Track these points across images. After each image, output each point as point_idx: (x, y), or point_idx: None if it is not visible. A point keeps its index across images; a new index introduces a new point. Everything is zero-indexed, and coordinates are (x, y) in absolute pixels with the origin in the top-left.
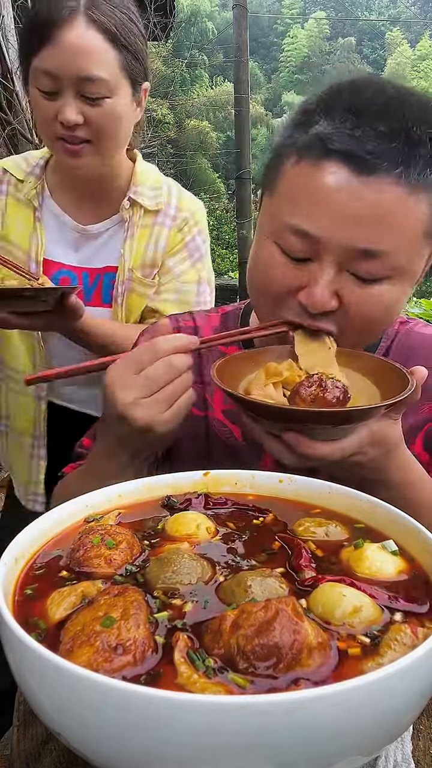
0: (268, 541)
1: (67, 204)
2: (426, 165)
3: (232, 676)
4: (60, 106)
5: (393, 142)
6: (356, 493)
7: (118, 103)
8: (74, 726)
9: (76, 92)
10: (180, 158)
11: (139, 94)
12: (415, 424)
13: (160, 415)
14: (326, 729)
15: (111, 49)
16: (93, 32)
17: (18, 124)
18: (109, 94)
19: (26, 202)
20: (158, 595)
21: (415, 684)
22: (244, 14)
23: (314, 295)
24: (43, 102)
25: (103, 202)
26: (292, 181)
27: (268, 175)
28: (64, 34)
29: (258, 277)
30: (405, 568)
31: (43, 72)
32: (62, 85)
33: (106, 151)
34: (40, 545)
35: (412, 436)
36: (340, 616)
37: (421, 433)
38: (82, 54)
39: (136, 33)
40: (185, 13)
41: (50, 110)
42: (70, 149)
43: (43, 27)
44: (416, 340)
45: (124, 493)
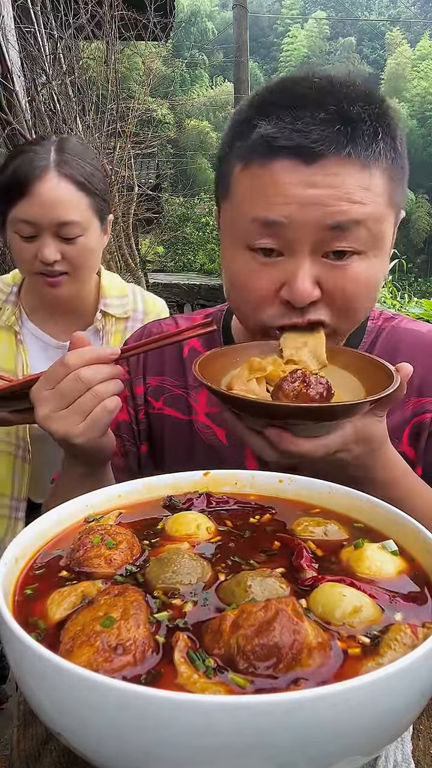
0: (269, 541)
1: (45, 323)
2: (371, 140)
3: (232, 676)
4: (39, 246)
5: (335, 126)
6: (356, 493)
7: (90, 238)
8: (74, 726)
9: (54, 234)
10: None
11: (105, 226)
12: (401, 420)
13: (75, 426)
14: (326, 729)
15: (82, 196)
16: (65, 183)
17: (18, 124)
18: (83, 233)
19: (7, 327)
20: (158, 595)
21: (415, 684)
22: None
23: (296, 288)
24: (23, 245)
25: (77, 317)
26: (245, 185)
27: (219, 188)
28: (39, 188)
29: (236, 288)
30: (405, 568)
31: (23, 221)
32: (41, 230)
33: (82, 278)
34: (40, 545)
35: (398, 432)
36: (340, 616)
37: (407, 428)
38: (57, 203)
39: (100, 178)
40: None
41: (30, 251)
42: (50, 282)
43: (20, 183)
44: (402, 336)
45: (124, 493)
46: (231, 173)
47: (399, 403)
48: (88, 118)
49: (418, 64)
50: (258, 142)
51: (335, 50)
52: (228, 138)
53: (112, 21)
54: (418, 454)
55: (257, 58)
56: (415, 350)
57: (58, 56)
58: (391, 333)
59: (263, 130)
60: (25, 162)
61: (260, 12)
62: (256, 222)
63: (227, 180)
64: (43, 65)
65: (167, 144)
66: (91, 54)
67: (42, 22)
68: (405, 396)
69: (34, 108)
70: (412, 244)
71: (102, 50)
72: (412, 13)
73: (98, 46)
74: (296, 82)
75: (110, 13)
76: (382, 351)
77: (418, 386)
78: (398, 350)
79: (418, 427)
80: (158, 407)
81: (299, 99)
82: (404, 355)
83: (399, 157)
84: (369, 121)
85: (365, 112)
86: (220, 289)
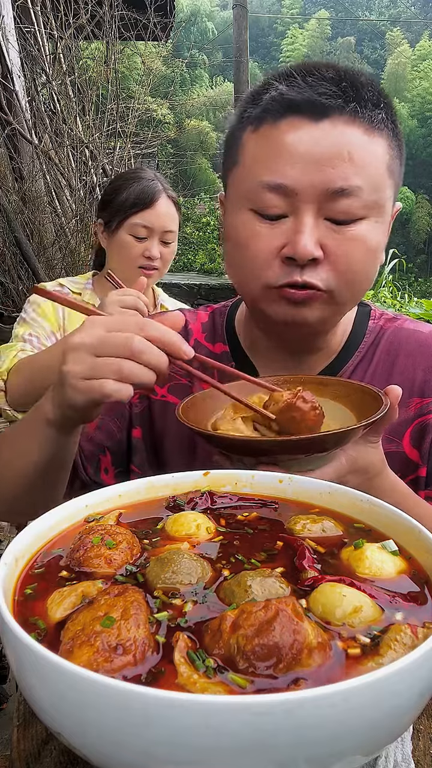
0: (270, 540)
1: None
2: (374, 105)
3: (232, 676)
4: (146, 246)
5: (342, 83)
6: (356, 493)
7: (176, 245)
8: (74, 726)
9: (159, 238)
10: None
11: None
12: (404, 421)
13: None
14: (326, 729)
15: (177, 213)
16: (170, 203)
17: (18, 124)
18: (174, 240)
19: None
20: (158, 595)
21: (415, 684)
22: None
23: (299, 244)
24: (135, 243)
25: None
26: (256, 147)
27: (227, 155)
28: (158, 203)
29: (240, 250)
30: (405, 568)
31: (142, 226)
32: (152, 233)
33: (161, 274)
34: (40, 545)
35: (400, 433)
36: (340, 616)
37: (409, 429)
38: (166, 216)
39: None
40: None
41: (139, 249)
42: (146, 273)
43: (149, 198)
44: (404, 337)
45: (124, 492)
46: (240, 140)
47: (401, 405)
48: (88, 118)
49: (418, 64)
50: (269, 101)
51: (335, 50)
52: (240, 110)
53: (112, 21)
54: (422, 454)
55: (257, 58)
56: (417, 351)
57: (58, 56)
58: (393, 334)
59: (275, 91)
60: (149, 184)
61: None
62: (264, 185)
63: (236, 149)
64: (43, 65)
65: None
66: (91, 54)
67: (42, 22)
68: (408, 397)
69: (34, 108)
70: (412, 244)
71: (102, 50)
72: (412, 13)
73: (98, 46)
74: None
75: (110, 13)
76: (384, 352)
77: (421, 387)
78: (400, 352)
79: (421, 428)
80: (162, 393)
81: (310, 66)
82: (406, 356)
83: (397, 136)
84: (372, 90)
85: (369, 83)
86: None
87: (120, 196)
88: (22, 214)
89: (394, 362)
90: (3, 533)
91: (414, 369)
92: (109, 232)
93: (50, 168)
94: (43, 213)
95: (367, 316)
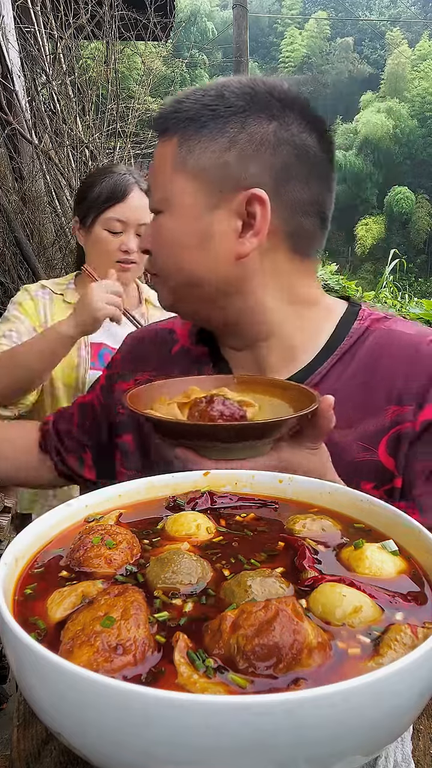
0: (270, 540)
1: None
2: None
3: (232, 676)
4: (123, 240)
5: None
6: (356, 493)
7: None
8: (74, 726)
9: (135, 232)
10: None
11: None
12: (380, 429)
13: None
14: (326, 729)
15: None
16: (142, 195)
17: (18, 124)
18: None
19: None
20: (158, 595)
21: (415, 684)
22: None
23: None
24: (111, 238)
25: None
26: None
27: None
28: (131, 196)
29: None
30: (405, 568)
31: (117, 220)
32: (127, 227)
33: (141, 269)
34: (40, 545)
35: (375, 441)
36: (340, 616)
37: (385, 437)
38: (140, 208)
39: None
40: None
41: (115, 243)
42: (124, 267)
43: (121, 192)
44: (389, 339)
45: (124, 492)
46: None
47: (378, 411)
48: (88, 118)
49: (418, 64)
50: None
51: (334, 50)
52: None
53: (112, 21)
54: (398, 464)
55: (257, 58)
56: (399, 355)
57: (58, 56)
58: (380, 336)
59: None
60: (121, 178)
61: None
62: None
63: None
64: (43, 65)
65: None
66: (91, 54)
67: (42, 22)
68: (386, 404)
69: (34, 108)
70: (412, 244)
71: (102, 50)
72: (412, 13)
73: (98, 46)
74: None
75: (110, 13)
76: (366, 355)
77: (399, 395)
78: (384, 355)
79: (397, 437)
80: None
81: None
82: (389, 360)
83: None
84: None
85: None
86: None
87: (93, 192)
88: (22, 214)
89: (377, 366)
90: (3, 533)
91: (394, 375)
92: (86, 229)
93: (50, 168)
94: (43, 213)
95: (354, 317)
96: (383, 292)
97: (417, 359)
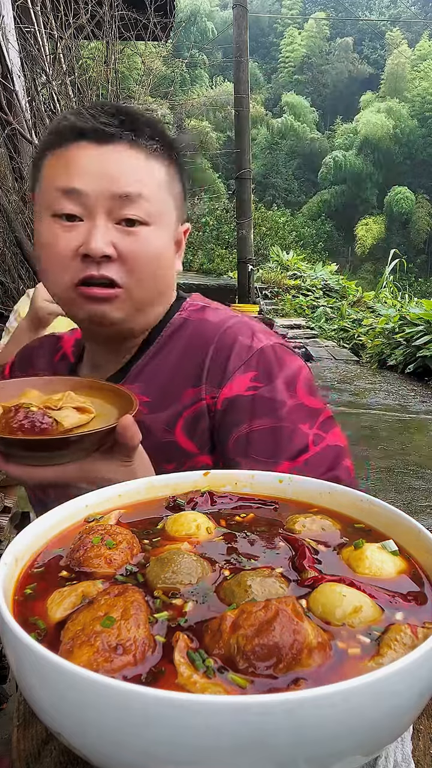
0: (269, 540)
1: None
2: (150, 138)
3: (232, 676)
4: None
5: (120, 116)
6: (356, 493)
7: None
8: (74, 726)
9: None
10: None
11: None
12: (174, 413)
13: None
14: (326, 729)
15: None
16: None
17: (18, 124)
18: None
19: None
20: (158, 595)
21: (415, 684)
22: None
23: (92, 241)
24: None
25: None
26: (52, 166)
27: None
28: None
29: (45, 252)
30: (405, 568)
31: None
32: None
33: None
34: (40, 545)
35: (172, 424)
36: (340, 616)
37: (180, 419)
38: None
39: None
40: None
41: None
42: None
43: None
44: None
45: (124, 492)
46: (41, 165)
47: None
48: None
49: (418, 64)
50: (62, 130)
51: (335, 50)
52: (41, 143)
53: (112, 21)
54: (197, 443)
55: (257, 58)
56: (199, 342)
57: (58, 56)
58: (194, 325)
59: (66, 122)
60: None
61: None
62: (59, 190)
63: (38, 174)
64: (43, 65)
65: None
66: (91, 54)
67: (42, 22)
68: (182, 389)
69: (34, 108)
70: (412, 245)
71: (102, 50)
72: (412, 13)
73: (98, 46)
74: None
75: (110, 13)
76: (180, 345)
77: (195, 375)
78: (190, 343)
79: (194, 416)
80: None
81: (96, 104)
82: (192, 347)
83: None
84: (149, 127)
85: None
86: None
87: None
88: (22, 214)
89: (184, 353)
90: (3, 533)
91: (194, 360)
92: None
93: None
94: None
95: (177, 309)
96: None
97: (214, 343)
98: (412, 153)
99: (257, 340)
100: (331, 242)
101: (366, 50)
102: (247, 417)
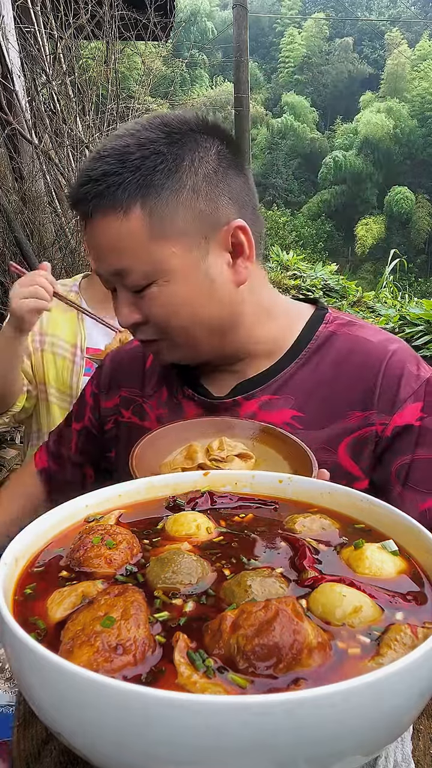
0: (269, 540)
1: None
2: (116, 188)
3: (232, 676)
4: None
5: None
6: (356, 493)
7: None
8: (74, 726)
9: None
10: None
11: None
12: (341, 431)
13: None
14: (326, 729)
15: None
16: None
17: (18, 124)
18: None
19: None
20: (158, 595)
21: (415, 684)
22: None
23: (118, 317)
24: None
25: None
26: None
27: None
28: None
29: None
30: (405, 568)
31: None
32: None
33: None
34: (40, 545)
35: (335, 443)
36: (340, 616)
37: (346, 439)
38: None
39: None
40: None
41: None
42: None
43: None
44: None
45: (124, 493)
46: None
47: (340, 415)
48: (88, 118)
49: (418, 64)
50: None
51: (334, 50)
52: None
53: (112, 21)
54: (362, 468)
55: (257, 58)
56: (362, 363)
57: (58, 56)
58: (345, 340)
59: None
60: None
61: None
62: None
63: None
64: (43, 65)
65: None
66: (91, 54)
67: (42, 22)
68: (347, 407)
69: (34, 108)
70: (412, 244)
71: (102, 50)
72: (412, 13)
73: (98, 46)
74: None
75: (110, 13)
76: (332, 359)
77: (363, 400)
78: (349, 360)
79: (360, 440)
80: (128, 416)
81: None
82: (352, 365)
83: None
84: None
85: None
86: None
87: None
88: (22, 214)
89: (341, 371)
90: None
91: (358, 381)
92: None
93: (50, 168)
94: (43, 213)
95: (320, 321)
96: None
97: (383, 369)
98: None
99: (423, 369)
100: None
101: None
102: (412, 447)
